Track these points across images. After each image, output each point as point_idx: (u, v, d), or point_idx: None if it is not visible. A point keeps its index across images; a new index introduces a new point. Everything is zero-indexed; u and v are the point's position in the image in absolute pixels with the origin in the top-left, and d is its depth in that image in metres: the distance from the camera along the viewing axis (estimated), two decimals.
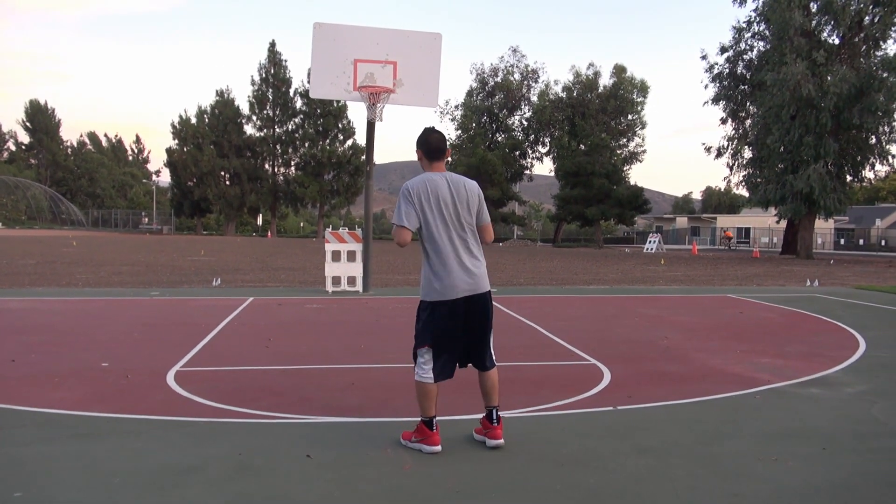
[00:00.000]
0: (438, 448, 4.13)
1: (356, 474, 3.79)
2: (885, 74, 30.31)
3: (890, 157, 33.60)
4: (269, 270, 19.70)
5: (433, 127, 4.49)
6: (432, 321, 4.19)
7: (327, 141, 68.30)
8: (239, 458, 4.00)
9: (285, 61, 70.33)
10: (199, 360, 6.82)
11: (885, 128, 32.66)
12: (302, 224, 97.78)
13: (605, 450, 4.23)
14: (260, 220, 77.78)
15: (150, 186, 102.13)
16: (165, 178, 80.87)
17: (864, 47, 33.40)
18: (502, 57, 69.61)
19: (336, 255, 13.73)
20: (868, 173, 35.48)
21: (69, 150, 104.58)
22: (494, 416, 4.29)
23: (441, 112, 66.02)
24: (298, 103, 69.06)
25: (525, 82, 64.31)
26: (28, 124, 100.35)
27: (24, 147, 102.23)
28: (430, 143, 4.34)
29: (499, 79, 64.15)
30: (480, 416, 4.46)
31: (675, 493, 3.58)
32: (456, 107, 65.72)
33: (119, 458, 3.98)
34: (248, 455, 4.05)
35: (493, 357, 4.42)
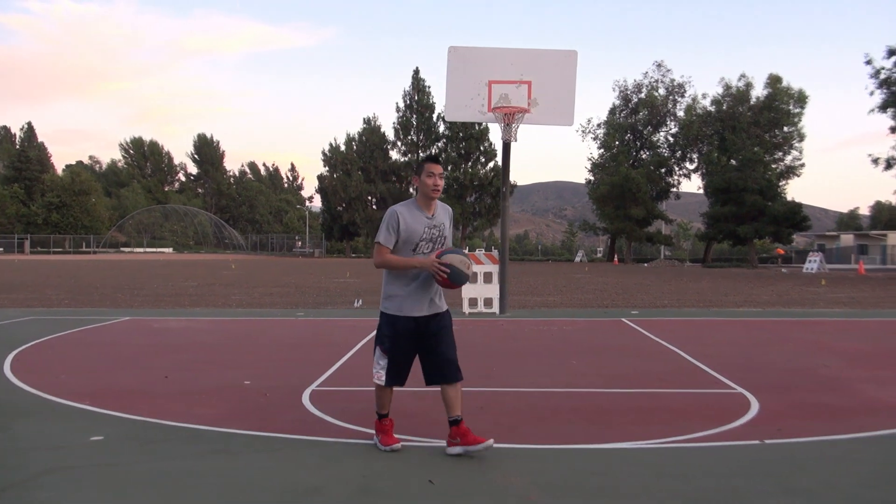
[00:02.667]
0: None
1: (479, 502, 3.67)
2: None
3: None
4: None
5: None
6: None
7: (469, 164, 69.27)
8: (363, 479, 3.99)
9: (429, 87, 72.30)
10: (334, 380, 6.97)
11: None
12: None
13: (748, 489, 3.87)
14: None
15: (304, 212, 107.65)
16: (317, 203, 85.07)
17: None
18: (646, 72, 67.85)
19: (473, 277, 13.75)
20: None
21: (231, 179, 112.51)
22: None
23: (583, 131, 65.34)
24: (441, 128, 70.63)
25: (671, 97, 62.43)
26: (196, 156, 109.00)
27: (192, 177, 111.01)
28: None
29: (643, 95, 62.65)
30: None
31: None
32: (598, 125, 64.81)
33: (248, 476, 4.08)
34: (372, 477, 4.03)
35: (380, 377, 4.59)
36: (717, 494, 3.79)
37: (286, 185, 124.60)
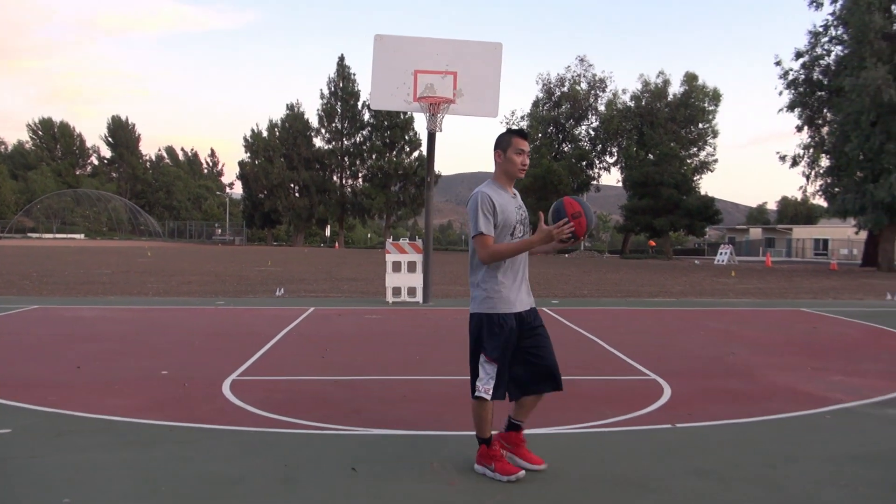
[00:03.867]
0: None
1: (400, 489, 3.72)
2: None
3: None
4: (332, 281, 19.93)
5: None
6: None
7: (394, 153, 69.09)
8: (284, 469, 3.98)
9: (354, 75, 71.62)
10: (255, 370, 6.88)
11: None
12: (369, 235, 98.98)
13: (661, 470, 4.04)
14: (328, 232, 79.14)
15: (224, 199, 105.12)
16: (238, 190, 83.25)
17: None
18: (569, 66, 68.89)
19: (397, 266, 13.77)
20: None
21: (148, 163, 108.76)
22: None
23: (506, 123, 65.94)
24: (366, 116, 70.14)
25: (592, 92, 63.61)
26: (110, 139, 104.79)
27: (106, 161, 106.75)
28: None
29: (565, 88, 63.65)
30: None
31: None
32: (522, 117, 65.52)
33: (166, 467, 4.00)
34: (294, 467, 4.02)
35: (472, 386, 4.04)
36: (630, 477, 3.94)
37: (205, 171, 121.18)
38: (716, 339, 9.50)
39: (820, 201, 40.12)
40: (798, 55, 36.77)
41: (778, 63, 37.61)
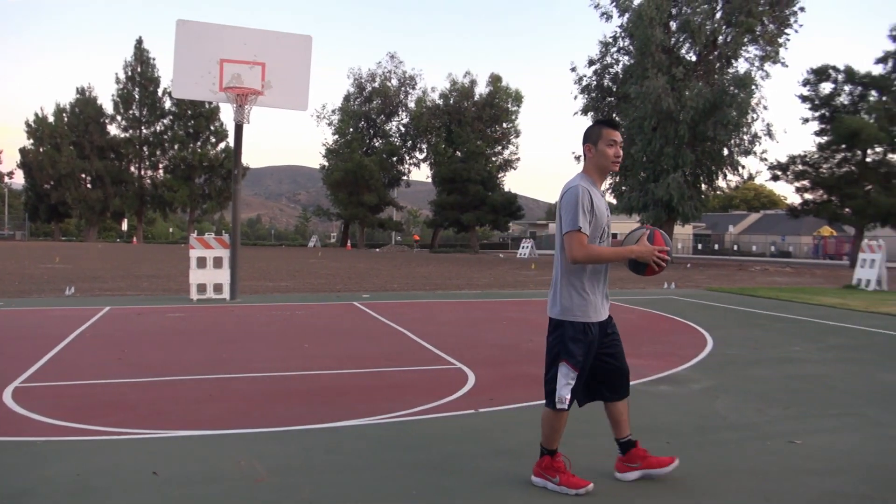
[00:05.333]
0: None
1: (205, 490, 3.64)
2: (735, 91, 32.49)
3: (740, 168, 36.04)
4: (130, 278, 18.76)
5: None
6: None
7: (198, 143, 66.11)
8: (77, 478, 3.75)
9: (153, 59, 67.58)
10: (42, 375, 6.36)
11: (736, 140, 34.99)
12: (171, 230, 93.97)
13: (463, 454, 4.26)
14: (125, 226, 74.02)
15: (2, 189, 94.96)
16: (19, 180, 75.33)
17: (718, 65, 35.70)
18: (380, 62, 69.53)
19: (202, 262, 13.24)
20: (721, 183, 37.95)
21: None
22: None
23: (318, 116, 65.34)
24: (167, 104, 66.41)
25: (403, 88, 64.62)
26: None
27: None
28: None
29: (376, 84, 64.11)
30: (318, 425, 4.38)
31: (526, 492, 3.65)
32: (333, 111, 65.19)
33: None
34: (87, 475, 3.79)
35: (549, 395, 3.79)
36: (435, 461, 4.13)
37: None
38: (517, 327, 10.07)
39: (610, 198, 43.34)
40: (591, 63, 39.57)
41: (573, 69, 40.26)
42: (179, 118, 65.85)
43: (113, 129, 68.11)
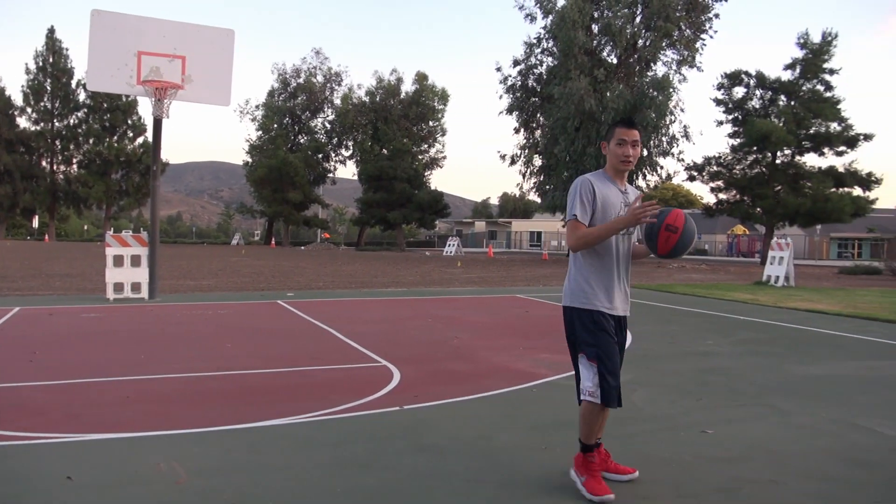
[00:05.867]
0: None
1: (123, 494, 3.55)
2: (654, 93, 33.51)
3: (659, 169, 37.18)
4: (42, 277, 18.01)
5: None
6: None
7: (115, 138, 63.85)
8: None
9: (67, 50, 64.83)
10: None
11: (655, 142, 36.08)
12: (86, 227, 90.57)
13: (388, 450, 4.29)
14: (36, 223, 70.83)
15: None
16: None
17: (638, 68, 36.78)
18: (305, 58, 68.65)
19: (118, 260, 12.84)
20: (641, 182, 39.03)
21: None
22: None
23: (241, 112, 64.09)
24: (82, 96, 63.85)
25: (328, 85, 64.02)
26: None
27: None
28: None
29: (301, 80, 63.32)
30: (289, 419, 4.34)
31: (450, 487, 3.71)
32: (257, 107, 64.04)
33: None
34: None
35: (580, 390, 3.74)
36: (359, 459, 4.14)
37: None
38: (442, 325, 10.15)
39: (535, 197, 44.06)
40: (515, 63, 40.09)
41: (499, 69, 40.70)
42: (95, 111, 63.44)
43: (23, 122, 65.08)
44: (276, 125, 62.86)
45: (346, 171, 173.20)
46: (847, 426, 5.03)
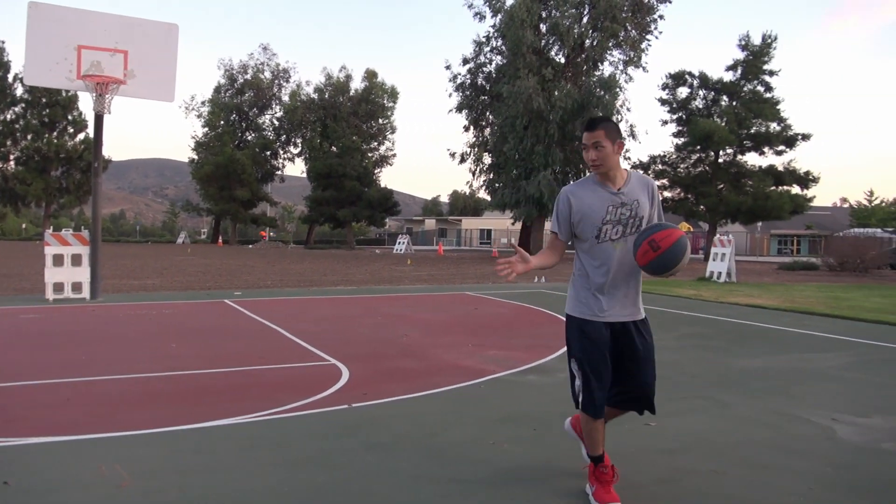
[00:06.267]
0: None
1: (65, 497, 3.48)
2: (601, 92, 33.98)
3: None
4: None
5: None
6: None
7: (55, 134, 61.88)
8: None
9: (2, 43, 62.60)
10: None
11: None
12: (25, 226, 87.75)
13: (336, 448, 4.29)
14: None
15: None
16: None
17: (585, 67, 37.21)
18: (252, 54, 67.80)
19: (58, 260, 12.49)
20: None
21: None
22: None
23: (186, 108, 62.89)
24: (19, 91, 61.74)
25: (276, 81, 63.22)
26: None
27: None
28: None
29: (248, 76, 62.42)
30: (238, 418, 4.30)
31: (398, 484, 3.73)
32: (203, 103, 62.88)
33: None
34: None
35: (574, 399, 3.69)
36: (308, 457, 4.13)
37: None
38: (392, 322, 10.14)
39: (484, 195, 44.28)
40: (465, 61, 40.22)
41: (448, 67, 40.78)
42: (33, 106, 61.39)
43: None
44: (222, 122, 61.83)
45: (295, 168, 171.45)
46: (784, 417, 5.20)
